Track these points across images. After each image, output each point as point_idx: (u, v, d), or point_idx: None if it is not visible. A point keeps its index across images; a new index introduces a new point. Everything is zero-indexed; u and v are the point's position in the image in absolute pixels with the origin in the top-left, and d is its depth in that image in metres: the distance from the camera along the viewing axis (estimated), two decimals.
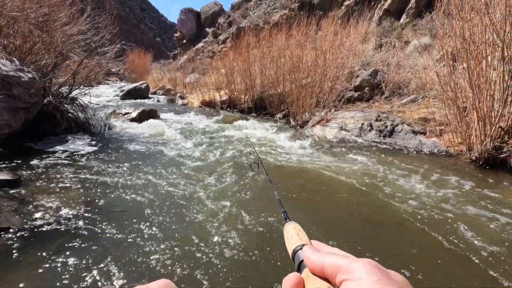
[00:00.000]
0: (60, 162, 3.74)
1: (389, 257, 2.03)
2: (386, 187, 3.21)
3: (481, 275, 1.87)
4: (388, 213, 2.67)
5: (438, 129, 5.00)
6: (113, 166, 3.70)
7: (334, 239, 2.23)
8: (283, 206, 0.68)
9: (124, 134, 5.63)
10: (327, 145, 5.06)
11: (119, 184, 3.13)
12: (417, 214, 2.61)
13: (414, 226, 2.43)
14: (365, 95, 7.18)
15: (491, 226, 2.43)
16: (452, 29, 4.43)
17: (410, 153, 4.62)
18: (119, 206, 2.66)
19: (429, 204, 2.82)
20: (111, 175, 3.39)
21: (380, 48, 10.49)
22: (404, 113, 5.77)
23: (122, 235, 2.21)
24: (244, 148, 4.85)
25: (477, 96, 3.86)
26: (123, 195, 2.89)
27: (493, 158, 3.89)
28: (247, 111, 9.40)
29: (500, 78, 3.72)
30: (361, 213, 2.69)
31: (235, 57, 9.93)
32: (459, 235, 2.30)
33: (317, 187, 3.26)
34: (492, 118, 3.80)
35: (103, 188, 3.01)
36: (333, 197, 3.03)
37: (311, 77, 6.87)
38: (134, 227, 2.33)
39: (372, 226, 2.46)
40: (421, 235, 2.31)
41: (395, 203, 2.83)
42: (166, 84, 15.86)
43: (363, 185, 3.28)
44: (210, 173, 3.59)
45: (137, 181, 3.26)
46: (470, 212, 2.66)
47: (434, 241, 2.23)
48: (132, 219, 2.45)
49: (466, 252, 2.09)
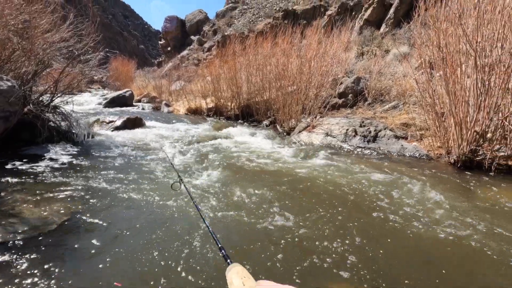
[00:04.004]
0: (41, 172, 3.62)
1: (376, 261, 2.09)
2: (369, 191, 3.30)
3: (455, 272, 1.96)
4: (370, 215, 2.75)
5: (419, 133, 5.20)
6: (97, 176, 3.61)
7: (322, 239, 2.27)
8: (221, 243, 0.61)
9: (109, 143, 5.51)
10: (314, 151, 5.15)
11: (102, 195, 3.06)
12: (397, 216, 2.70)
13: (396, 228, 2.51)
14: (349, 101, 7.39)
15: (467, 223, 2.55)
16: (428, 38, 4.67)
17: (393, 157, 4.77)
18: (102, 218, 2.59)
19: (409, 205, 2.92)
20: (94, 185, 3.31)
21: (362, 56, 10.85)
22: (386, 119, 5.98)
23: (104, 248, 2.16)
24: (232, 155, 4.86)
25: (453, 102, 4.07)
26: (106, 206, 2.82)
27: (469, 161, 4.09)
28: (234, 118, 9.43)
29: (473, 85, 3.94)
30: (346, 215, 2.76)
31: (221, 64, 9.99)
32: (437, 233, 2.40)
33: (303, 191, 3.31)
34: (467, 123, 4.00)
35: (85, 199, 2.94)
36: (320, 198, 3.09)
37: (297, 84, 7.01)
38: (117, 239, 2.28)
39: (357, 230, 2.52)
40: (400, 234, 2.39)
41: (378, 206, 2.91)
42: (151, 91, 15.68)
43: (348, 188, 3.36)
44: (196, 182, 3.57)
45: (121, 192, 3.19)
46: (447, 211, 2.78)
47: (413, 237, 2.32)
48: (115, 230, 2.41)
49: (442, 247, 2.18)
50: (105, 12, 46.37)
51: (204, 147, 5.44)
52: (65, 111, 5.70)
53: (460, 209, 2.85)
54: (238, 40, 10.34)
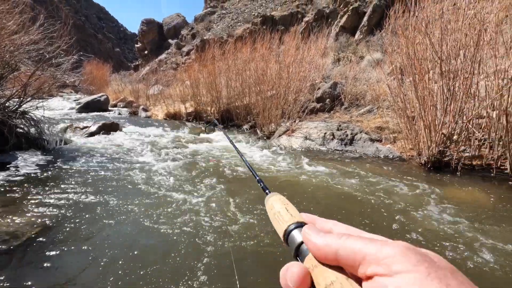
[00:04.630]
0: (7, 182, 3.42)
1: None
2: (346, 192, 3.41)
3: None
4: (347, 212, 2.85)
5: (392, 136, 5.45)
6: (69, 185, 3.47)
7: None
8: (258, 176, 0.59)
9: (83, 150, 5.30)
10: (293, 155, 5.24)
11: (75, 206, 2.94)
12: (372, 214, 2.82)
13: (372, 225, 2.62)
14: (327, 106, 7.60)
15: (435, 218, 2.71)
16: (398, 46, 4.93)
17: (369, 159, 4.96)
18: (74, 230, 2.50)
19: (383, 203, 3.05)
20: (66, 195, 3.17)
21: (338, 62, 11.21)
22: (362, 122, 6.21)
23: (76, 261, 2.08)
24: (215, 168, 4.83)
25: (422, 107, 4.31)
26: (80, 217, 2.72)
27: (438, 162, 4.33)
28: None
29: (440, 91, 4.20)
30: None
31: (200, 69, 9.94)
32: (408, 228, 2.53)
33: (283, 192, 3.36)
34: (436, 126, 4.25)
35: (56, 210, 2.81)
36: (301, 199, 3.15)
37: (276, 89, 7.12)
38: (90, 251, 2.21)
39: None
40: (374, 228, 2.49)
41: (355, 204, 3.02)
42: (128, 96, 15.26)
43: (326, 189, 3.45)
44: (178, 189, 3.53)
45: (96, 201, 3.09)
46: (417, 207, 2.94)
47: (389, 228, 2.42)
48: (90, 244, 2.33)
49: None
50: (78, 14, 44.65)
51: (183, 152, 5.37)
52: (35, 117, 5.42)
53: (428, 205, 3.01)
54: (217, 44, 10.35)
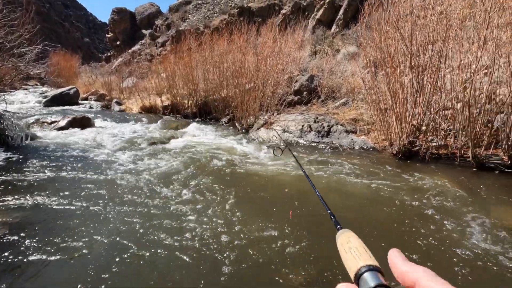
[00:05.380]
0: None
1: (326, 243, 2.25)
2: (322, 182, 3.52)
3: None
4: None
5: (366, 128, 5.65)
6: (34, 184, 3.29)
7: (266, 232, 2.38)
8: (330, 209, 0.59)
9: (51, 146, 5.03)
10: (271, 147, 5.29)
11: (41, 206, 2.80)
12: (345, 202, 2.94)
13: (343, 209, 2.73)
14: (304, 99, 7.71)
15: (405, 204, 2.88)
16: (372, 40, 5.07)
17: (345, 150, 5.12)
18: (39, 232, 2.39)
19: (356, 192, 3.19)
20: (30, 195, 3.01)
21: (315, 55, 11.36)
22: (338, 114, 6.37)
23: (38, 265, 2.01)
24: (189, 153, 4.77)
25: (394, 99, 4.49)
26: (46, 219, 2.60)
27: (409, 151, 4.57)
28: (192, 116, 9.23)
29: (410, 84, 4.40)
30: (302, 203, 2.91)
31: (176, 61, 9.67)
32: (377, 213, 2.67)
33: (261, 186, 3.41)
34: (406, 118, 4.46)
35: (21, 211, 2.67)
36: (279, 190, 3.21)
37: (254, 81, 7.10)
38: (53, 256, 2.14)
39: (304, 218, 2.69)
40: (346, 213, 2.61)
41: (330, 194, 3.13)
42: (100, 89, 14.56)
43: (301, 180, 3.54)
44: (155, 188, 3.46)
45: (65, 202, 2.97)
46: (388, 194, 3.10)
47: (357, 216, 2.55)
48: (59, 247, 2.24)
49: (386, 218, 2.44)
50: (41, 0, 41.58)
51: (160, 146, 5.25)
52: None
53: (398, 192, 3.19)
54: (194, 35, 10.10)
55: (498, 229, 2.43)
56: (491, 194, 3.17)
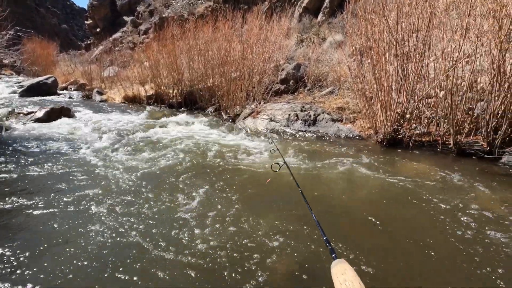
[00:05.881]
0: None
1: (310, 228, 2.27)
2: (309, 170, 3.53)
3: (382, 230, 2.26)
4: (308, 188, 2.96)
5: (352, 116, 5.69)
6: (8, 179, 3.14)
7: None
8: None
9: (27, 138, 4.80)
10: (259, 137, 5.26)
11: (17, 202, 2.68)
12: (331, 189, 2.97)
13: (327, 196, 2.76)
14: (291, 87, 7.67)
15: (388, 189, 2.93)
16: (358, 28, 5.05)
17: (331, 139, 5.16)
18: (15, 229, 2.29)
19: (342, 180, 3.22)
20: (4, 192, 2.88)
21: (302, 43, 11.26)
22: (324, 103, 6.38)
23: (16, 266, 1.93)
24: (175, 145, 4.67)
25: (379, 87, 4.52)
26: (22, 216, 2.49)
27: (393, 139, 4.64)
28: (177, 106, 9.03)
29: (395, 72, 4.43)
30: (287, 195, 2.92)
31: (160, 49, 9.36)
32: (361, 198, 2.71)
33: (246, 178, 3.39)
34: (391, 106, 4.51)
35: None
36: (266, 182, 3.20)
37: (240, 70, 6.98)
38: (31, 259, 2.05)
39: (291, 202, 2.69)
40: (329, 201, 2.64)
41: (316, 182, 3.15)
42: (79, 78, 14.00)
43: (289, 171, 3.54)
44: (139, 183, 3.38)
45: (42, 196, 2.85)
46: (373, 181, 3.15)
47: (343, 202, 2.58)
48: (29, 240, 2.16)
49: (368, 212, 2.48)
50: None
51: (144, 138, 5.11)
52: None
53: (382, 176, 3.24)
54: (177, 23, 9.77)
55: (474, 211, 2.51)
56: (469, 178, 3.27)
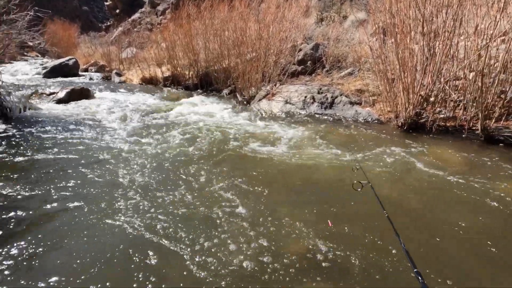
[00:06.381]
0: None
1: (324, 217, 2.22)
2: (325, 156, 3.43)
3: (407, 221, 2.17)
4: (328, 179, 2.88)
5: (372, 99, 5.45)
6: (34, 156, 3.26)
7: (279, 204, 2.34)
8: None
9: (50, 118, 4.97)
10: (273, 119, 5.16)
11: (40, 179, 2.78)
12: (348, 174, 2.87)
13: (342, 184, 2.67)
14: (308, 68, 7.41)
15: (410, 177, 2.80)
16: (382, 4, 4.72)
17: (348, 122, 4.98)
18: (36, 203, 2.39)
19: (360, 166, 3.11)
20: (29, 168, 3.00)
21: (321, 22, 10.77)
22: (342, 85, 6.13)
23: (45, 241, 2.01)
24: (191, 126, 4.69)
25: (402, 68, 4.25)
26: (46, 191, 2.59)
27: (414, 123, 4.41)
28: (193, 87, 9.01)
29: (420, 51, 4.13)
30: (301, 180, 2.86)
31: (176, 29, 9.26)
32: (383, 186, 2.61)
33: (261, 161, 3.35)
34: (414, 88, 4.25)
35: (19, 183, 2.66)
36: (283, 167, 3.15)
37: (256, 51, 6.80)
38: (58, 230, 2.13)
39: (311, 187, 2.64)
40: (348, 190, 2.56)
41: (334, 169, 3.06)
42: (99, 59, 14.21)
43: (304, 155, 3.46)
44: (158, 164, 3.42)
45: (66, 172, 2.95)
46: (393, 168, 3.02)
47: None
48: (55, 210, 2.24)
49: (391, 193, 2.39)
50: None
51: (161, 120, 5.16)
52: None
53: (404, 165, 3.10)
54: (194, 2, 9.56)
55: (502, 202, 2.35)
56: (497, 166, 3.07)
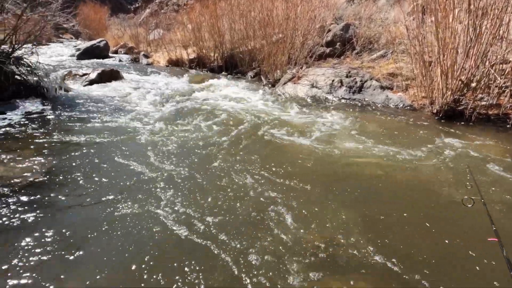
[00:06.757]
0: (9, 129, 3.41)
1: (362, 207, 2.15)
2: (352, 143, 3.31)
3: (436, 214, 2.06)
4: (355, 167, 2.78)
5: (405, 84, 5.12)
6: (70, 133, 3.44)
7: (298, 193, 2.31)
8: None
9: (83, 98, 5.19)
10: (298, 103, 5.04)
11: (77, 153, 2.93)
12: (380, 166, 2.75)
13: (377, 176, 2.57)
14: (337, 51, 7.08)
15: (447, 169, 2.63)
16: None
17: (378, 108, 4.74)
18: (77, 177, 2.52)
19: (391, 155, 2.96)
20: (68, 143, 3.17)
21: (353, 0, 10.14)
22: (373, 68, 5.80)
23: (80, 206, 2.12)
24: (215, 109, 4.70)
25: (441, 50, 3.92)
26: (82, 165, 2.72)
27: (452, 111, 4.10)
28: (218, 69, 8.99)
29: (464, 31, 3.76)
30: (327, 166, 2.78)
31: (202, 10, 9.16)
32: (419, 180, 2.47)
33: (286, 148, 3.29)
34: (454, 72, 3.92)
35: (59, 157, 2.82)
36: (306, 154, 3.09)
37: (283, 32, 6.57)
38: (97, 200, 2.24)
39: (339, 181, 2.56)
40: (382, 183, 2.45)
41: (363, 158, 2.95)
42: (128, 41, 14.52)
43: (328, 141, 3.36)
44: (186, 145, 3.48)
45: (99, 150, 3.08)
46: (428, 159, 2.85)
47: (395, 186, 2.39)
48: (92, 190, 2.35)
49: (425, 195, 2.27)
50: None
51: (187, 101, 5.22)
52: (31, 63, 5.22)
53: (436, 155, 2.91)
54: None
55: None
56: None
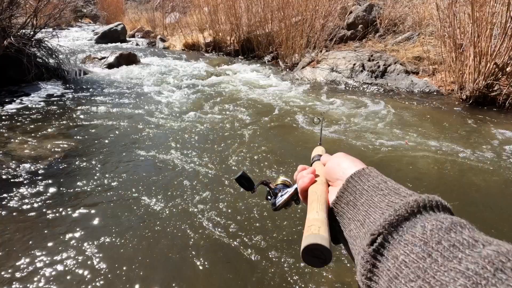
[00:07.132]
0: (33, 110, 3.50)
1: None
2: (375, 130, 3.17)
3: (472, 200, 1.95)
4: (379, 153, 2.68)
5: (431, 68, 4.84)
6: (91, 115, 3.49)
7: None
8: None
9: (101, 81, 5.25)
10: (318, 88, 4.88)
11: (98, 134, 2.98)
12: (404, 156, 2.63)
13: (403, 164, 2.45)
14: (359, 33, 6.75)
15: (483, 161, 2.48)
16: None
17: (401, 94, 4.52)
18: (96, 156, 2.55)
19: (419, 144, 2.82)
20: (89, 124, 3.21)
21: None
22: (398, 52, 5.51)
23: (97, 188, 2.15)
24: (232, 94, 4.63)
25: (476, 30, 3.63)
26: (102, 145, 2.76)
27: (483, 97, 3.85)
28: (234, 53, 8.84)
29: (503, 10, 3.46)
30: None
31: None
32: (448, 169, 2.35)
33: (300, 134, 3.20)
34: (488, 55, 3.64)
35: (80, 138, 2.87)
36: None
37: (302, 13, 6.32)
38: (118, 180, 2.26)
39: None
40: (412, 171, 2.34)
41: (387, 147, 2.82)
42: (145, 25, 14.51)
43: (349, 128, 3.23)
44: (204, 129, 3.45)
45: (118, 131, 3.10)
46: (461, 148, 2.69)
47: (425, 172, 2.28)
48: (114, 169, 2.38)
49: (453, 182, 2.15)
50: None
51: (204, 85, 5.17)
52: (51, 46, 5.30)
53: (468, 145, 2.75)
54: None
55: None
56: None
